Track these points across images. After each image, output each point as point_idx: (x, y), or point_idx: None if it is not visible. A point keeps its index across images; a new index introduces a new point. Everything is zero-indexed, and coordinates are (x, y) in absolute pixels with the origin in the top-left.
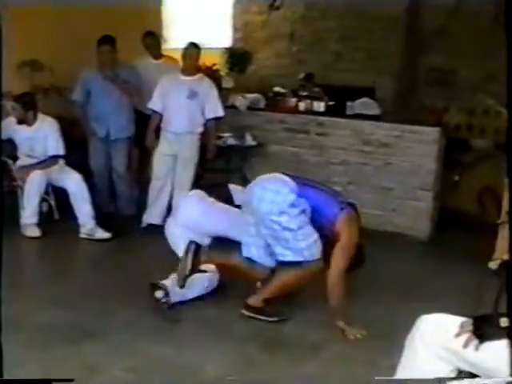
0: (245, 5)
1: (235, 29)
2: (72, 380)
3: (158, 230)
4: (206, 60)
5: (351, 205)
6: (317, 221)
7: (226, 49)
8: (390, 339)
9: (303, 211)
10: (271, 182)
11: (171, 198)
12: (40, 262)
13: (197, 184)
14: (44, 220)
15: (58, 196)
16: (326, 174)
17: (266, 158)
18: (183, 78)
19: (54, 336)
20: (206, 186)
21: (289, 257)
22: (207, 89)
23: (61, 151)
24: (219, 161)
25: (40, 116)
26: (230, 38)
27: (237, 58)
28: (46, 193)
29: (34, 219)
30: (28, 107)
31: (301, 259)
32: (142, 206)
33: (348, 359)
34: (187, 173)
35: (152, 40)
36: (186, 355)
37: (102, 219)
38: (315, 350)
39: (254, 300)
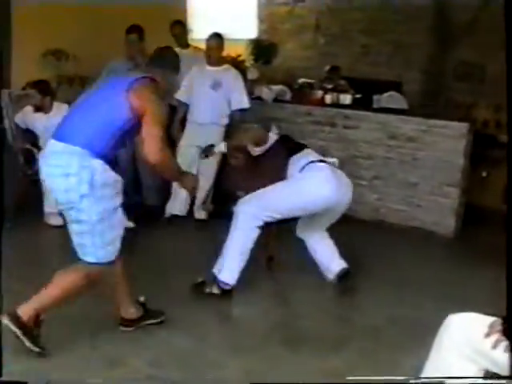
0: None
1: (260, 20)
2: None
3: (181, 221)
4: (231, 51)
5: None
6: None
7: (251, 40)
8: (414, 336)
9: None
10: (54, 166)
11: None
12: (62, 250)
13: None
14: None
15: None
16: (352, 168)
17: None
18: (208, 68)
19: (74, 328)
20: None
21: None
22: (233, 79)
23: None
24: None
25: (56, 104)
26: (256, 29)
27: (262, 49)
28: None
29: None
30: (45, 93)
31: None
32: (167, 196)
33: (371, 356)
34: (211, 164)
35: (180, 29)
36: (207, 349)
37: (125, 209)
38: (337, 346)
39: (129, 314)
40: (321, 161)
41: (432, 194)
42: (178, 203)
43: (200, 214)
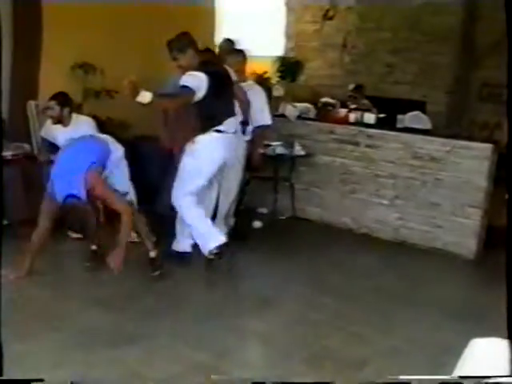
0: (298, 14)
1: (288, 37)
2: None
3: None
4: (257, 68)
5: None
6: None
7: (277, 57)
8: (433, 357)
9: None
10: None
11: (217, 204)
12: (79, 261)
13: (243, 191)
14: None
15: None
16: (374, 187)
17: (315, 168)
18: None
19: (96, 338)
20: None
21: None
22: (255, 96)
23: None
24: (268, 169)
25: (74, 116)
26: (283, 47)
27: (288, 66)
28: None
29: None
30: (63, 104)
31: None
32: None
33: (392, 376)
34: (233, 180)
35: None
36: (229, 364)
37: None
38: (358, 366)
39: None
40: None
41: (454, 215)
42: None
43: (221, 229)
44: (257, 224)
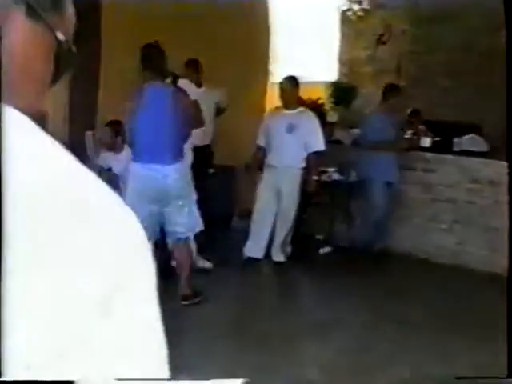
0: (352, 40)
1: (341, 63)
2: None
3: (257, 264)
4: (311, 94)
5: None
6: None
7: (331, 83)
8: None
9: None
10: None
11: (273, 232)
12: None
13: (300, 218)
14: None
15: None
16: (432, 212)
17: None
18: (284, 111)
19: None
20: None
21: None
22: (308, 122)
23: None
24: (324, 196)
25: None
26: (336, 73)
27: (342, 92)
28: None
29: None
30: (116, 132)
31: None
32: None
33: None
34: (289, 207)
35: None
36: None
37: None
38: None
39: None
40: None
41: None
42: (255, 246)
43: (278, 257)
44: (325, 249)
